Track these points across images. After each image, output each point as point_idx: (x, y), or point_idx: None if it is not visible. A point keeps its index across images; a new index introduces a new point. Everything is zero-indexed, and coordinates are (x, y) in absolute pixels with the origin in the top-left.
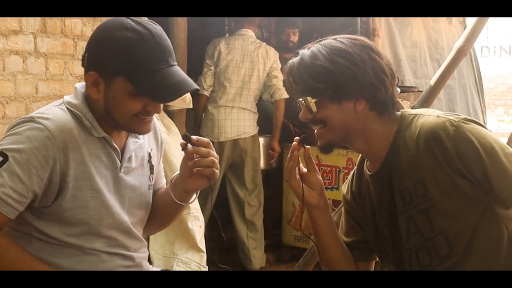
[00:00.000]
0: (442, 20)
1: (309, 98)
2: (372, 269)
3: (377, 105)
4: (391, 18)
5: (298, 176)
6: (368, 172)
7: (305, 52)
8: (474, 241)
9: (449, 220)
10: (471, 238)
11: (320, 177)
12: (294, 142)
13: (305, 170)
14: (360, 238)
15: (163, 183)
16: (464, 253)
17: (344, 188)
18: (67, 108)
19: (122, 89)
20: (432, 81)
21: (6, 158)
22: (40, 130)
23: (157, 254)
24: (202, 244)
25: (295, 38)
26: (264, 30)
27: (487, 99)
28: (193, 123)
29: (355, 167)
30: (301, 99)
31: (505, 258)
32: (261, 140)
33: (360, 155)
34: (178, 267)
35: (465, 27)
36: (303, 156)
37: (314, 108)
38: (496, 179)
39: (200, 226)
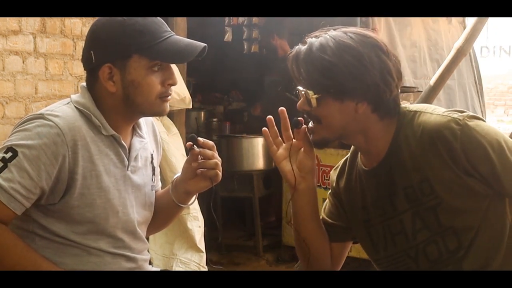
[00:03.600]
0: (442, 20)
1: (310, 92)
2: (347, 252)
3: (379, 108)
4: (390, 18)
5: (284, 151)
6: (364, 168)
7: (313, 42)
8: (479, 234)
9: (457, 216)
10: (477, 232)
11: (313, 161)
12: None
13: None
14: (342, 224)
15: (159, 186)
16: (469, 246)
17: (334, 174)
18: (75, 107)
19: (138, 67)
20: (432, 81)
21: (15, 154)
22: (50, 127)
23: (157, 254)
24: (201, 244)
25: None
26: None
27: (486, 99)
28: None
29: (348, 156)
30: (301, 89)
31: (505, 249)
32: (261, 140)
33: (352, 146)
34: (177, 267)
35: (464, 27)
36: (301, 136)
37: (314, 103)
38: (504, 174)
39: (200, 226)
